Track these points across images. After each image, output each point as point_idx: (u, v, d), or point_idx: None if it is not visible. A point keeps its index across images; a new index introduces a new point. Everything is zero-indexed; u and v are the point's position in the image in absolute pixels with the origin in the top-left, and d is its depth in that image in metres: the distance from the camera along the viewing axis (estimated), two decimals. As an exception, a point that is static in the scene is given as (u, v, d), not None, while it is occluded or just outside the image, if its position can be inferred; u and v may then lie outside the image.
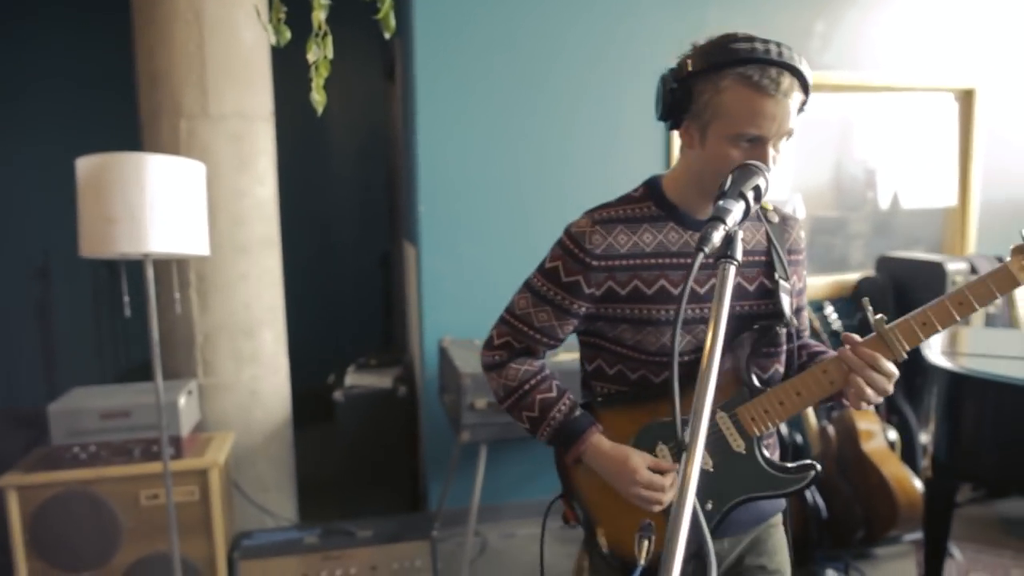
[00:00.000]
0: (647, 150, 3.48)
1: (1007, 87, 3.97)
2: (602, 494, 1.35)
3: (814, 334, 3.45)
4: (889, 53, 3.80)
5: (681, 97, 1.23)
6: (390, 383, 3.44)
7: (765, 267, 1.35)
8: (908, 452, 3.36)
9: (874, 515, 3.07)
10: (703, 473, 1.30)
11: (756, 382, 1.34)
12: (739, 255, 0.94)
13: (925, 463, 3.21)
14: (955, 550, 3.17)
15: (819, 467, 1.33)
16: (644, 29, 3.43)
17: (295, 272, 4.91)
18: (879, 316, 1.27)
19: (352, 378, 3.45)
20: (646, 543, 1.28)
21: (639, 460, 1.29)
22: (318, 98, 1.61)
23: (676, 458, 1.32)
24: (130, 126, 3.07)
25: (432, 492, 3.45)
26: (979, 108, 3.89)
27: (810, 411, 3.33)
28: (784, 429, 3.15)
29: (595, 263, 1.29)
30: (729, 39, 1.19)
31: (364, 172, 5.26)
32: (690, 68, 1.21)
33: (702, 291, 1.31)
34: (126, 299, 2.33)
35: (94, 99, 4.21)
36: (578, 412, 1.37)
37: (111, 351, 4.48)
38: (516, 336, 1.41)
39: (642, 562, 1.30)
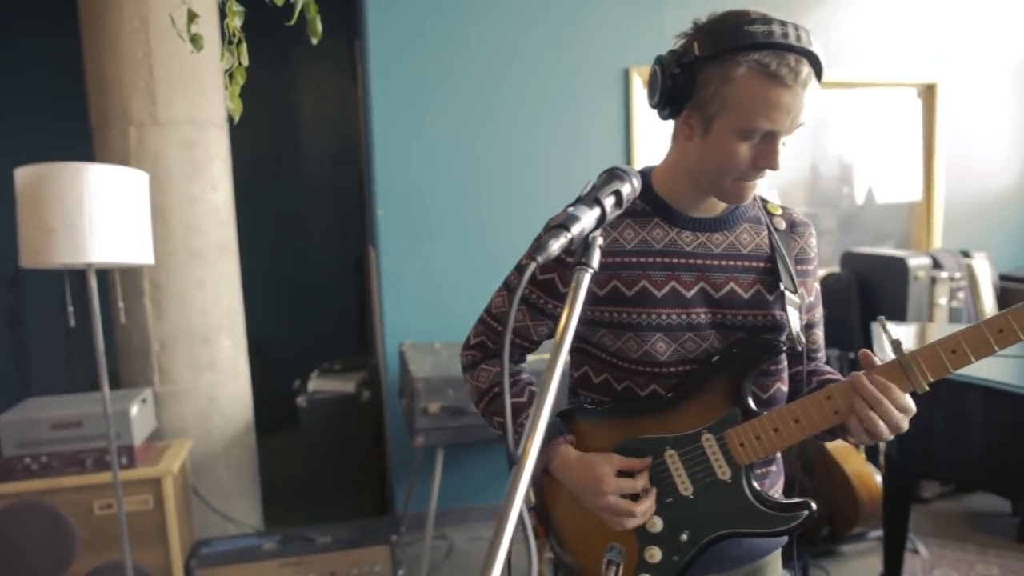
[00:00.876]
0: (607, 150, 3.47)
1: (968, 82, 3.97)
2: (570, 510, 1.24)
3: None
4: (851, 49, 3.80)
5: (684, 84, 1.10)
6: (353, 388, 3.43)
7: (765, 275, 1.22)
8: (873, 449, 3.35)
9: (837, 512, 3.07)
10: (680, 500, 1.19)
11: (752, 403, 1.19)
12: (595, 263, 0.88)
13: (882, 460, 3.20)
14: (920, 546, 3.17)
15: (814, 506, 1.17)
16: (602, 30, 3.43)
17: (269, 277, 4.92)
18: (896, 339, 1.11)
19: (315, 383, 3.44)
20: (614, 569, 1.20)
21: (606, 467, 1.17)
22: (232, 106, 1.60)
23: (653, 479, 1.20)
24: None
25: (398, 496, 3.45)
26: (941, 103, 3.88)
27: (774, 409, 3.33)
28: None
29: (570, 260, 1.16)
30: (742, 19, 1.06)
31: (338, 175, 5.25)
32: (697, 52, 1.08)
33: (689, 295, 1.19)
34: (70, 309, 2.31)
35: (58, 106, 4.18)
36: (548, 421, 1.27)
37: (82, 360, 4.47)
38: (490, 336, 1.32)
39: None
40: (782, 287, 1.20)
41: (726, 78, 1.06)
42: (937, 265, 3.55)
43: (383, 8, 3.19)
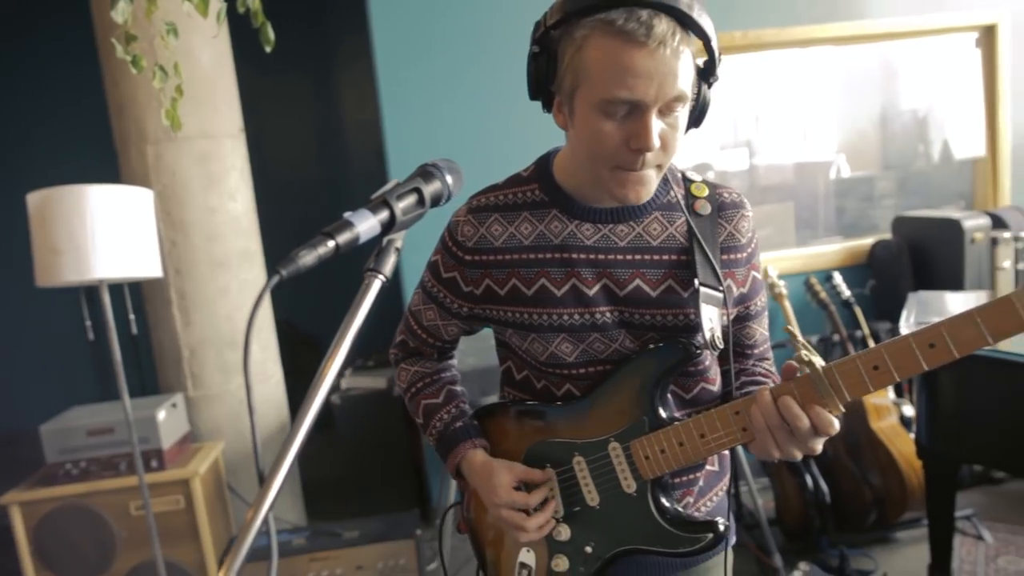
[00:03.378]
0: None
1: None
2: (484, 510, 1.23)
3: (821, 306, 3.25)
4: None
5: (545, 63, 1.01)
6: (385, 384, 3.48)
7: (679, 268, 1.10)
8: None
9: (885, 497, 2.87)
10: (587, 510, 1.15)
11: (663, 412, 1.11)
12: (387, 269, 0.84)
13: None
14: (985, 532, 2.93)
15: (722, 527, 1.10)
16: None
17: (313, 281, 5.04)
18: (803, 354, 0.97)
19: (348, 381, 3.51)
20: (525, 573, 1.20)
21: (505, 477, 1.14)
22: (166, 122, 1.63)
23: (562, 484, 1.16)
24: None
25: (434, 488, 3.48)
26: (1003, 44, 3.52)
27: (816, 389, 3.14)
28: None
29: (468, 258, 1.14)
30: None
31: (380, 173, 5.34)
32: (546, 23, 1.00)
33: (591, 293, 1.10)
34: (88, 323, 2.45)
35: (97, 127, 4.41)
36: (460, 423, 1.22)
37: (149, 366, 4.75)
38: (408, 334, 1.30)
39: None
40: (697, 283, 1.07)
41: (576, 45, 0.96)
42: (1000, 225, 3.24)
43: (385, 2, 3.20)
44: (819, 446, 0.99)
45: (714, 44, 0.99)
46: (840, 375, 0.95)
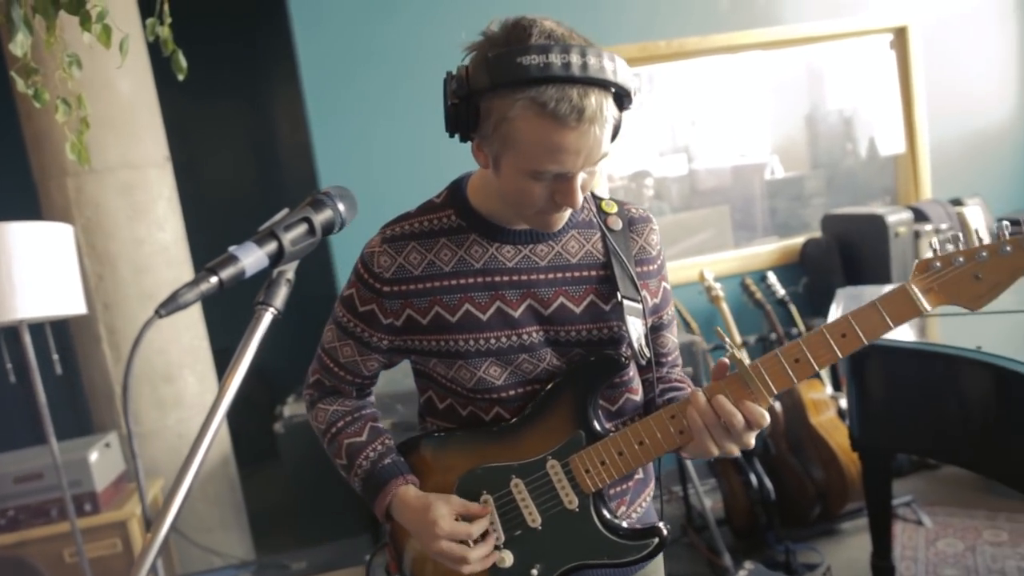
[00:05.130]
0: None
1: (942, 17, 3.73)
2: (421, 549, 1.17)
3: (758, 306, 3.32)
4: (814, 2, 3.61)
5: (466, 114, 0.99)
6: (329, 408, 3.42)
7: (600, 283, 1.12)
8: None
9: (828, 490, 2.93)
10: (529, 532, 1.13)
11: (597, 425, 1.12)
12: (278, 302, 0.82)
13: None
14: (924, 517, 3.01)
15: (666, 531, 1.13)
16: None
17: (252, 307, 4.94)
18: (731, 351, 1.05)
19: (291, 408, 3.43)
20: None
21: (443, 508, 1.10)
22: (72, 156, 1.59)
23: (500, 509, 1.14)
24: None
25: (386, 512, 3.43)
26: (914, 45, 3.67)
27: (757, 388, 3.20)
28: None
29: (387, 289, 1.11)
30: (516, 47, 0.92)
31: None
32: (470, 86, 0.96)
33: (516, 314, 1.11)
34: (9, 366, 2.36)
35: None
36: (388, 460, 1.18)
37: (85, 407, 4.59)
38: (324, 373, 1.25)
39: None
40: (619, 296, 1.11)
41: (502, 116, 0.95)
42: (921, 218, 3.36)
43: (309, 25, 3.17)
44: (752, 439, 1.04)
45: (631, 88, 0.99)
46: (766, 370, 1.03)
